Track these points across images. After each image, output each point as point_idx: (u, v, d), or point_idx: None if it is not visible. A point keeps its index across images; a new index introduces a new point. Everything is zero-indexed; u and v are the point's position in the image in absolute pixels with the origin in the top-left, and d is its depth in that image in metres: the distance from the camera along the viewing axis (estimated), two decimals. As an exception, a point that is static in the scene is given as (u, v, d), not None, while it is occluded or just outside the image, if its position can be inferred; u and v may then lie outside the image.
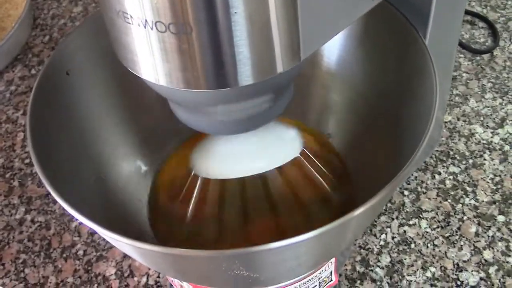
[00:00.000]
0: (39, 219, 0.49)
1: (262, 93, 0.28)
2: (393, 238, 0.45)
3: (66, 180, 0.31)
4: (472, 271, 0.42)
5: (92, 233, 0.47)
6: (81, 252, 0.46)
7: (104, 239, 0.46)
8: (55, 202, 0.50)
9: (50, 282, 0.44)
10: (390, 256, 0.44)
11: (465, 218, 0.45)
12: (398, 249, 0.44)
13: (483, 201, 0.46)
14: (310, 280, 0.39)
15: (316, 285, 0.40)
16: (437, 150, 0.50)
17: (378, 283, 0.42)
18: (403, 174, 0.28)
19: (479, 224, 0.45)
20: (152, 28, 0.24)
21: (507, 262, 0.43)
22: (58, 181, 0.29)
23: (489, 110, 0.53)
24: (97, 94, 0.36)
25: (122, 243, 0.27)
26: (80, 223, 0.48)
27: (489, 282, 0.42)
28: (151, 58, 0.25)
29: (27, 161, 0.54)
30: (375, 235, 0.45)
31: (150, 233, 0.39)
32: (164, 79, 0.26)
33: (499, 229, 0.44)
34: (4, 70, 0.63)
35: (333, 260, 0.39)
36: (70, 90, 0.35)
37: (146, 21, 0.24)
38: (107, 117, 0.38)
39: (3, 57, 0.64)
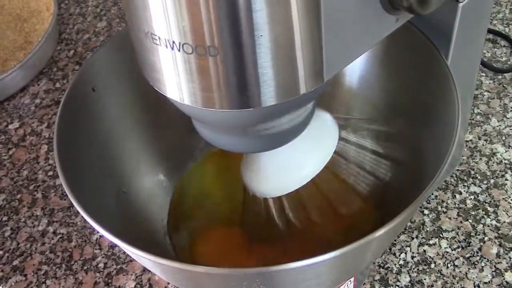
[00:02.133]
0: (61, 231, 0.50)
1: (287, 112, 0.29)
2: (412, 257, 0.44)
3: (89, 193, 0.32)
4: (493, 293, 0.42)
5: (113, 246, 0.48)
6: (101, 265, 0.47)
7: (124, 252, 0.47)
8: (77, 214, 0.50)
9: (71, 295, 0.45)
10: (410, 276, 0.43)
11: (486, 238, 0.45)
12: (417, 269, 0.44)
13: (504, 221, 0.46)
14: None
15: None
16: (457, 169, 0.50)
17: (397, 303, 0.42)
18: (424, 196, 0.28)
19: (500, 245, 0.45)
20: (179, 50, 0.24)
21: (529, 284, 0.42)
22: (81, 194, 0.30)
23: (511, 129, 0.53)
24: (121, 110, 0.37)
25: (142, 258, 0.28)
26: (101, 236, 0.49)
27: (510, 305, 0.41)
28: (176, 78, 0.26)
29: (50, 173, 0.55)
30: (394, 254, 0.45)
31: (169, 247, 0.40)
32: (189, 98, 0.26)
33: (521, 251, 0.44)
34: (29, 83, 0.65)
35: (352, 279, 0.39)
36: (96, 106, 0.36)
37: (173, 42, 0.24)
38: (131, 132, 0.39)
39: (29, 71, 0.65)
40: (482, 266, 0.43)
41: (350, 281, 0.39)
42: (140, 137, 0.39)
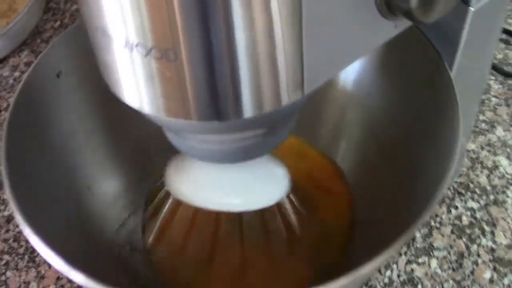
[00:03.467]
0: (28, 218, 0.47)
1: (256, 127, 0.25)
2: (398, 276, 0.41)
3: (39, 203, 0.28)
4: (482, 322, 0.39)
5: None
6: (66, 259, 0.44)
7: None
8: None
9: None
10: (394, 296, 0.40)
11: (480, 261, 0.42)
12: (403, 289, 0.41)
13: (501, 243, 0.43)
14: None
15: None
16: (456, 181, 0.46)
17: (378, 325, 0.39)
18: (411, 232, 0.25)
19: (494, 269, 0.41)
20: (132, 50, 0.21)
21: (522, 315, 0.39)
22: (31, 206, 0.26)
23: (517, 140, 0.49)
24: (85, 105, 0.33)
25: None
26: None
27: (499, 337, 0.38)
28: (133, 82, 0.22)
29: (22, 154, 0.51)
30: (379, 271, 0.41)
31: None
32: (149, 107, 0.23)
33: (516, 277, 0.41)
34: (10, 55, 0.61)
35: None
36: (57, 96, 0.32)
37: (127, 41, 0.21)
38: (89, 138, 0.35)
39: (11, 41, 0.61)
40: (473, 291, 0.40)
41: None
42: (100, 143, 0.35)
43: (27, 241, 0.45)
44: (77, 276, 0.23)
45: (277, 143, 0.29)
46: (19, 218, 0.25)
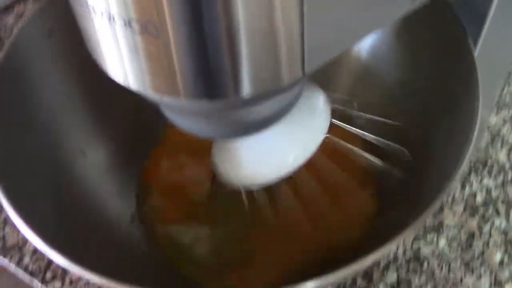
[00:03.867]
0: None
1: (259, 102, 0.23)
2: (404, 253, 0.40)
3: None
4: (488, 306, 0.37)
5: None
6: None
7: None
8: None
9: (29, 246, 0.42)
10: (398, 274, 0.39)
11: (491, 242, 0.40)
12: (408, 267, 0.39)
13: (515, 225, 0.41)
14: None
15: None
16: (473, 156, 0.44)
17: (379, 303, 0.38)
18: (426, 214, 0.23)
19: (506, 251, 0.39)
20: (113, 22, 0.19)
21: (531, 302, 0.37)
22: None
23: (542, 116, 0.46)
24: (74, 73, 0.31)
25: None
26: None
27: (505, 322, 0.37)
28: (117, 57, 0.20)
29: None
30: (384, 248, 0.40)
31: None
32: (135, 83, 0.21)
33: (528, 261, 0.39)
34: (15, 2, 0.59)
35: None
36: (41, 67, 0.30)
37: (107, 12, 0.19)
38: (80, 102, 0.33)
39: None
40: (481, 273, 0.39)
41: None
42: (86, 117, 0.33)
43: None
44: (59, 259, 0.22)
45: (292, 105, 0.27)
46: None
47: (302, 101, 0.28)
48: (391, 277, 0.39)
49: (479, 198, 0.42)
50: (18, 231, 0.42)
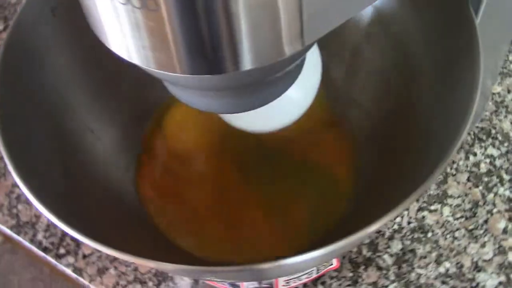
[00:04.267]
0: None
1: (259, 76, 0.23)
2: (409, 223, 0.40)
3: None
4: (491, 273, 0.38)
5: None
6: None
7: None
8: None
9: (42, 223, 0.43)
10: (402, 243, 0.40)
11: (494, 210, 0.40)
12: (412, 236, 0.40)
13: (519, 193, 0.41)
14: (306, 266, 0.35)
15: (313, 270, 0.36)
16: (477, 126, 0.44)
17: (384, 271, 0.39)
18: (430, 181, 0.24)
19: (510, 219, 0.40)
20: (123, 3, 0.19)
21: (534, 268, 0.38)
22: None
23: (547, 84, 0.46)
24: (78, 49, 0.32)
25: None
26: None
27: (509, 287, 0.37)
28: (120, 33, 0.20)
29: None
30: (389, 218, 0.41)
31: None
32: (138, 59, 0.21)
33: (531, 229, 0.39)
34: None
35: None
36: (46, 45, 0.30)
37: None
38: (85, 80, 0.33)
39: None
40: (485, 241, 0.39)
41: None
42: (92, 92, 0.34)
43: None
44: (71, 231, 0.23)
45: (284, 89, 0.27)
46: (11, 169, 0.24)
47: None
48: (396, 246, 0.39)
49: (483, 168, 0.42)
50: (31, 208, 0.43)
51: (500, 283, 0.38)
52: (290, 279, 0.36)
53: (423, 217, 0.40)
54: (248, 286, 0.36)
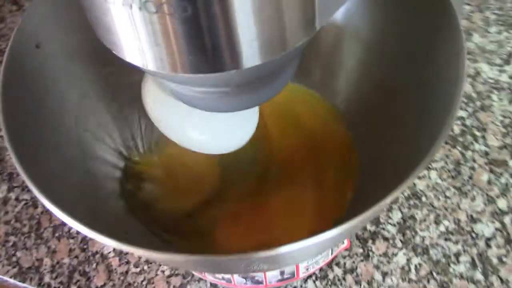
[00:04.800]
0: (24, 196, 0.46)
1: (269, 69, 0.25)
2: (402, 192, 0.43)
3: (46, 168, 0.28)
4: (487, 221, 0.41)
5: (84, 208, 0.44)
6: (74, 230, 0.43)
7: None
8: (39, 177, 0.46)
9: (46, 265, 0.42)
10: (401, 212, 0.42)
11: (476, 165, 0.43)
12: (408, 204, 0.42)
13: (493, 145, 0.44)
14: (323, 248, 0.37)
15: (328, 252, 0.38)
16: (442, 93, 0.47)
17: (391, 241, 0.41)
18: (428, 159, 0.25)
19: (491, 171, 0.43)
20: (140, 9, 0.20)
21: (522, 209, 0.41)
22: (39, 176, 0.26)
23: (494, 45, 0.50)
24: (69, 64, 0.33)
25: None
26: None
27: (504, 232, 0.40)
28: (137, 42, 0.21)
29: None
30: (384, 191, 0.43)
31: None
32: (154, 64, 0.22)
33: None
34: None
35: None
36: (41, 64, 0.31)
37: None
38: (86, 98, 0.34)
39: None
40: (474, 195, 0.42)
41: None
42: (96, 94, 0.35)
43: (30, 219, 0.44)
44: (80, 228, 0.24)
45: (271, 94, 0.29)
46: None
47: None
48: (396, 216, 0.42)
49: (456, 129, 0.45)
50: (31, 253, 0.42)
51: (496, 229, 0.40)
52: (309, 265, 0.37)
53: (414, 184, 0.43)
54: (271, 280, 0.37)
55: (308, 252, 0.31)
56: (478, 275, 0.39)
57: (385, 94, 0.36)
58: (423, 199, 0.42)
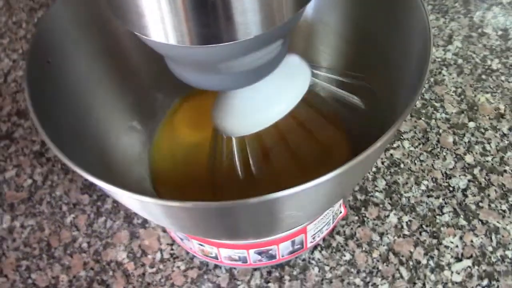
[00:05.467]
0: (29, 222, 0.47)
1: (274, 40, 0.29)
2: (383, 163, 0.47)
3: (66, 141, 0.31)
4: (459, 175, 0.46)
5: (91, 223, 0.46)
6: (85, 245, 0.45)
7: (106, 226, 0.46)
8: (41, 202, 0.48)
9: (62, 281, 0.43)
10: (385, 179, 0.46)
11: (441, 131, 0.49)
12: (390, 172, 0.47)
13: (452, 112, 0.50)
14: (326, 215, 0.40)
15: (330, 219, 0.42)
16: (399, 76, 0.53)
17: (381, 205, 0.45)
18: (410, 107, 0.30)
19: (454, 133, 0.49)
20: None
21: (487, 161, 0.47)
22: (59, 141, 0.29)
23: (436, 30, 0.57)
24: (86, 69, 0.36)
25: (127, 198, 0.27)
26: (75, 217, 0.47)
27: (476, 182, 0.46)
28: (160, 19, 0.25)
29: (-5, 169, 0.51)
30: (366, 164, 0.47)
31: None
32: (174, 38, 0.25)
33: (472, 134, 0.48)
34: None
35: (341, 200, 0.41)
36: (61, 62, 0.35)
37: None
38: (99, 84, 0.38)
39: None
40: (444, 155, 0.47)
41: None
42: (109, 87, 0.39)
43: (39, 242, 0.45)
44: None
45: (285, 52, 0.33)
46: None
47: (283, 63, 0.34)
48: (381, 183, 0.46)
49: (418, 104, 0.51)
50: (45, 272, 0.44)
51: (469, 180, 0.46)
52: (315, 233, 0.41)
53: (391, 154, 0.48)
54: (283, 253, 0.40)
55: (314, 198, 0.33)
56: (462, 221, 0.43)
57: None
58: (401, 165, 0.47)
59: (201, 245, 0.40)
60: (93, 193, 0.48)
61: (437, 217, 0.44)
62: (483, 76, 0.53)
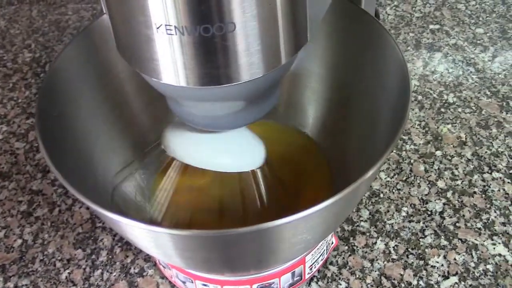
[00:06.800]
0: (23, 282, 0.46)
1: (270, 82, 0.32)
2: (365, 194, 0.50)
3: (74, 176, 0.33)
4: (435, 200, 0.50)
5: (88, 277, 0.46)
6: (84, 298, 0.45)
7: (103, 279, 0.46)
8: (33, 261, 0.47)
9: (64, 337, 0.43)
10: (368, 209, 0.49)
11: (412, 161, 0.53)
12: (371, 202, 0.50)
13: (420, 143, 0.54)
14: (321, 245, 0.43)
15: (324, 250, 0.44)
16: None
17: (367, 234, 0.48)
18: (399, 133, 0.33)
19: (424, 162, 0.53)
20: (183, 34, 0.26)
21: (457, 185, 0.51)
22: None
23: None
24: (91, 112, 0.40)
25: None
26: (70, 273, 0.47)
27: (451, 204, 0.49)
28: (173, 63, 0.27)
29: (-19, 233, 0.50)
30: (349, 196, 0.50)
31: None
32: (185, 80, 0.28)
33: (441, 162, 0.53)
34: None
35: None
36: (68, 103, 0.39)
37: (184, 27, 0.26)
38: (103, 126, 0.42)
39: None
40: (419, 183, 0.51)
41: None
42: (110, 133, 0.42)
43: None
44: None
45: (264, 111, 0.36)
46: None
47: (245, 138, 0.39)
48: (365, 213, 0.49)
49: (388, 138, 0.55)
50: (47, 329, 0.43)
51: (444, 204, 0.49)
52: (312, 264, 0.43)
53: (371, 186, 0.51)
54: (284, 285, 0.42)
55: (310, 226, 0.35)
56: (443, 241, 0.47)
57: (344, 114, 0.45)
58: (381, 195, 0.50)
59: (205, 285, 0.41)
60: (87, 247, 0.48)
61: (421, 239, 0.47)
62: (442, 109, 0.58)
